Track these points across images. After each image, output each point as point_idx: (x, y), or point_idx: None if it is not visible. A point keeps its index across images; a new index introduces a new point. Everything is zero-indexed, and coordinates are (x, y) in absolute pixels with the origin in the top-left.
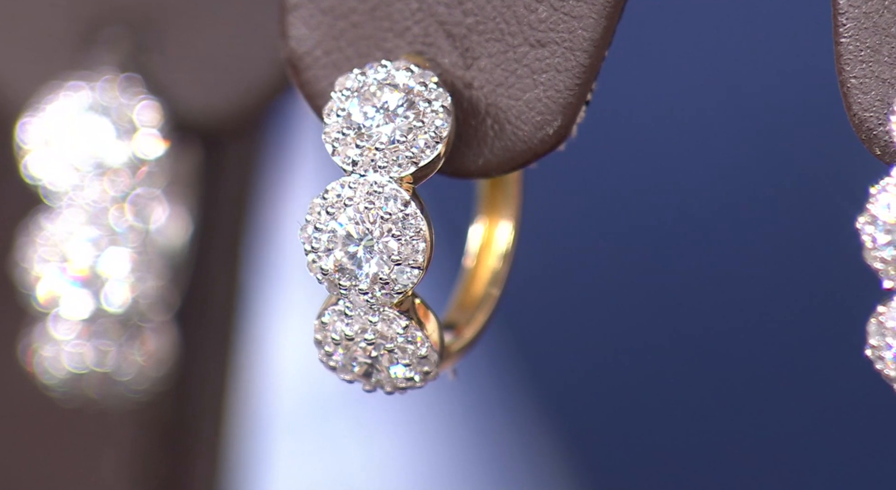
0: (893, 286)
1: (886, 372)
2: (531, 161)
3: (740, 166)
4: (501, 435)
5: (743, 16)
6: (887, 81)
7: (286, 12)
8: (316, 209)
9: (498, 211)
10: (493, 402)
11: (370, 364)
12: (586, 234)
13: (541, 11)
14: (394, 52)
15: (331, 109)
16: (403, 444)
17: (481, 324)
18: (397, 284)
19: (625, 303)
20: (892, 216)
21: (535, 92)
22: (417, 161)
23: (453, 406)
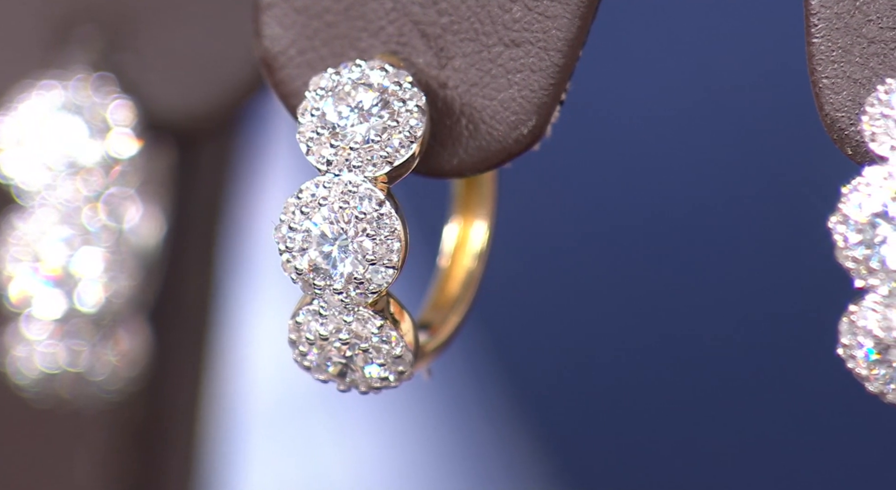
0: (865, 285)
1: (858, 371)
2: (506, 161)
3: (713, 166)
4: (477, 434)
5: (716, 16)
6: (859, 82)
7: (260, 11)
8: (290, 209)
9: (472, 211)
10: (469, 400)
11: (345, 364)
12: (561, 233)
13: (515, 11)
14: (368, 52)
15: (305, 109)
16: (379, 443)
17: (456, 323)
18: (372, 284)
19: (599, 302)
20: (864, 215)
21: (510, 92)
22: (392, 161)
23: (429, 405)
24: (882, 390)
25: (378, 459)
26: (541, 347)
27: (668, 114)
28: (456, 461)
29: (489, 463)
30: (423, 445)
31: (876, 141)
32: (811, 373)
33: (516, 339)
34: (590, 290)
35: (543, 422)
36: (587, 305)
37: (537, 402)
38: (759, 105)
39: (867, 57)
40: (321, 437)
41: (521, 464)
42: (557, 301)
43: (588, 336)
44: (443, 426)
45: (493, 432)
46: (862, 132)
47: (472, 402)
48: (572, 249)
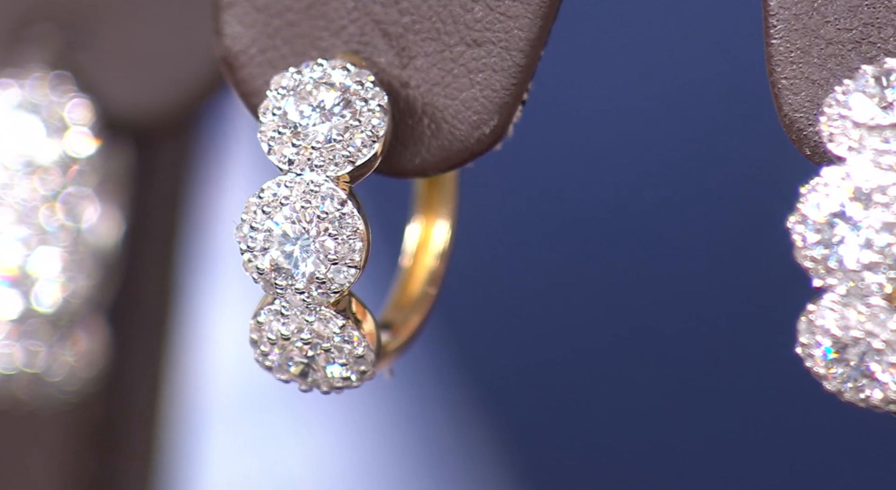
0: (823, 285)
1: (816, 369)
2: (468, 160)
3: (673, 166)
4: (438, 430)
5: (676, 18)
6: (817, 82)
7: (220, 10)
8: (251, 208)
9: (435, 210)
10: (430, 397)
11: (306, 364)
12: (523, 232)
13: (477, 11)
14: (330, 51)
15: (266, 108)
16: (340, 440)
17: (418, 323)
18: (334, 284)
19: (561, 300)
20: (822, 215)
21: (472, 91)
22: (354, 160)
23: (390, 402)
24: (839, 389)
25: (339, 456)
26: (502, 345)
27: (628, 114)
28: (416, 457)
29: (450, 459)
30: (384, 442)
31: (834, 141)
32: (770, 371)
33: (477, 337)
34: (552, 289)
35: (504, 417)
36: (549, 304)
37: (497, 398)
38: (718, 106)
39: (825, 58)
40: (281, 435)
41: (482, 460)
42: (519, 300)
43: (549, 334)
44: (403, 422)
45: (453, 428)
46: (820, 133)
47: (433, 398)
48: (534, 248)
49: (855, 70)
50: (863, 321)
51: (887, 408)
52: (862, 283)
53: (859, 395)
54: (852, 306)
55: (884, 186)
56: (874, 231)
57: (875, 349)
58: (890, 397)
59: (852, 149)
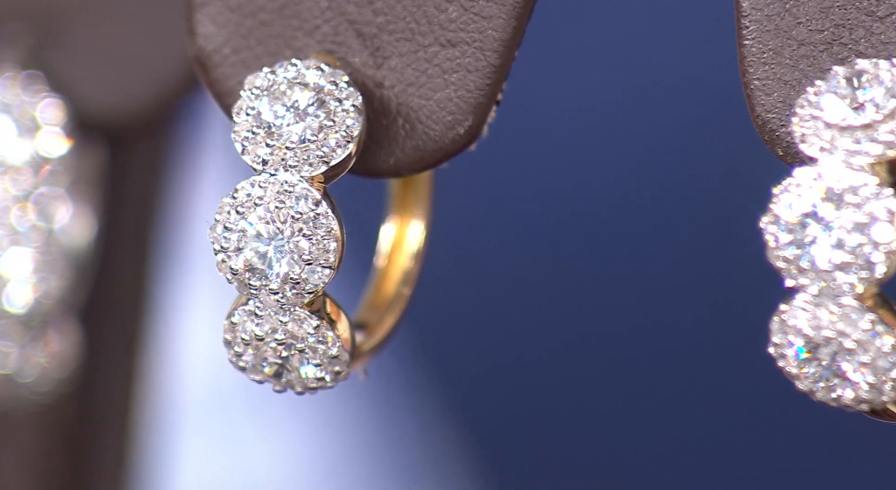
0: (795, 285)
1: (788, 369)
2: (442, 161)
3: (648, 167)
4: (405, 430)
5: (650, 18)
6: (789, 83)
7: (194, 9)
8: (225, 208)
9: (409, 210)
10: (398, 397)
11: (280, 364)
12: (497, 233)
13: (451, 11)
14: (303, 51)
15: (240, 108)
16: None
17: (392, 323)
18: (308, 284)
19: (534, 302)
20: (794, 216)
21: (446, 92)
22: (328, 160)
23: (357, 402)
24: (811, 388)
25: (308, 456)
26: (470, 345)
27: (602, 114)
28: (383, 457)
29: (416, 459)
30: (352, 442)
31: (806, 142)
32: (743, 371)
33: (445, 337)
34: (524, 290)
35: (470, 418)
36: (521, 304)
37: (464, 398)
38: (691, 106)
39: (797, 59)
40: (251, 436)
41: (448, 460)
42: (490, 300)
43: (520, 334)
44: (371, 422)
45: (419, 428)
46: (792, 133)
47: (400, 397)
48: (508, 249)
49: (826, 71)
50: (834, 321)
51: (858, 407)
52: (834, 284)
53: (831, 395)
54: (824, 306)
55: (855, 187)
56: (846, 231)
57: (846, 349)
58: (861, 397)
59: (824, 149)
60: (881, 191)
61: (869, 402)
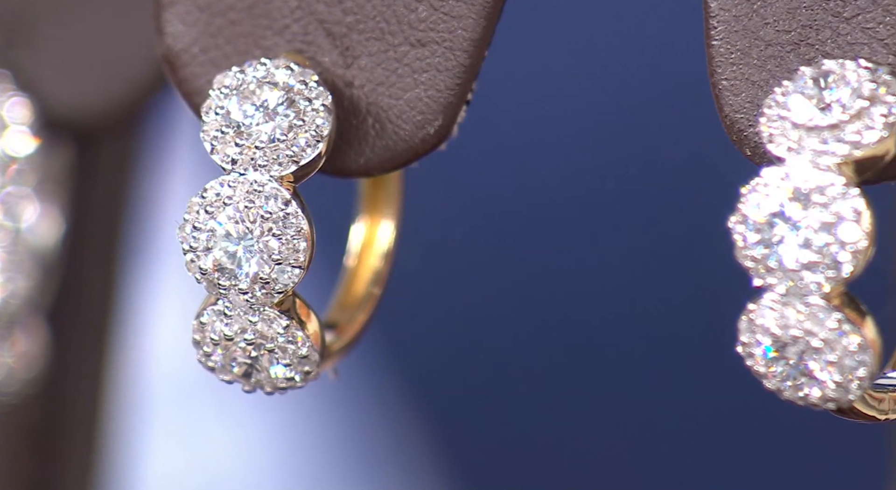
0: (763, 284)
1: (756, 368)
2: (412, 160)
3: (617, 167)
4: (368, 424)
5: (619, 19)
6: (757, 84)
7: (162, 8)
8: (194, 208)
9: (379, 210)
10: (364, 392)
11: (250, 364)
12: (467, 233)
13: (420, 11)
14: (273, 50)
15: (209, 107)
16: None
17: (362, 323)
18: (278, 284)
19: (504, 301)
20: (762, 215)
21: (416, 91)
22: (298, 160)
23: (323, 397)
24: (779, 387)
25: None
26: (435, 342)
27: (573, 114)
28: (348, 452)
29: (379, 452)
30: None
31: (773, 142)
32: (711, 370)
33: (412, 333)
34: (495, 290)
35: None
36: (491, 304)
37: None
38: (660, 106)
39: (764, 59)
40: (219, 434)
41: (412, 453)
42: (461, 300)
43: (490, 333)
44: (336, 418)
45: (383, 422)
46: (760, 133)
47: (364, 392)
48: (478, 249)
49: (794, 71)
50: (802, 320)
51: (825, 406)
52: (801, 283)
53: (798, 394)
54: (792, 305)
55: (822, 187)
56: (813, 231)
57: (814, 347)
58: (828, 395)
59: (791, 149)
60: (848, 191)
61: (835, 401)
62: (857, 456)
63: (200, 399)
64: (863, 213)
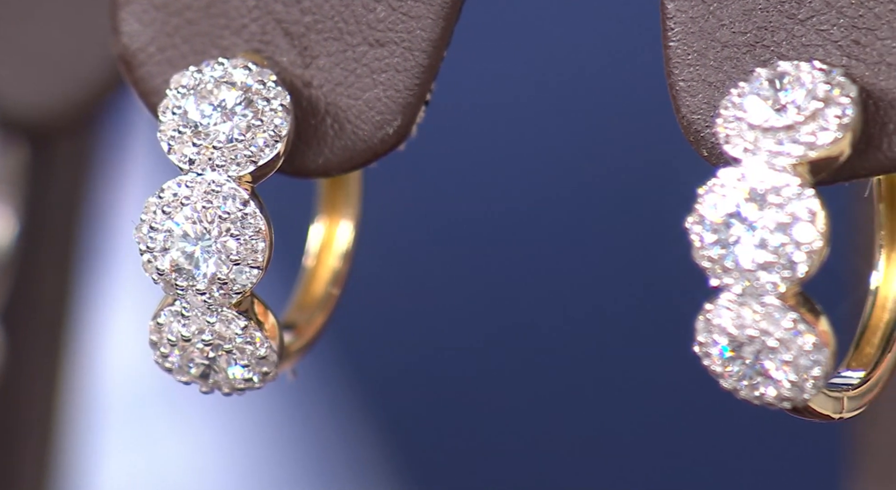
0: (720, 284)
1: (713, 368)
2: (371, 160)
3: (576, 167)
4: (321, 429)
5: (578, 20)
6: (713, 85)
7: (118, 7)
8: (151, 208)
9: (338, 210)
10: (317, 396)
11: (207, 365)
12: (426, 233)
13: (379, 11)
14: (231, 50)
15: (166, 107)
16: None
17: (321, 323)
18: (236, 284)
19: (462, 303)
20: (719, 216)
21: (375, 91)
22: (256, 160)
23: (277, 401)
24: (735, 387)
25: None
26: (390, 344)
27: (531, 115)
28: (300, 456)
29: (332, 457)
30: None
31: (730, 143)
32: (668, 370)
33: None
34: (453, 290)
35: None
36: (450, 305)
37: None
38: (617, 108)
39: (721, 61)
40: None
41: (364, 458)
42: (420, 301)
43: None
44: (289, 422)
45: (336, 426)
46: (717, 134)
47: (319, 394)
48: (436, 249)
49: (750, 73)
50: (758, 320)
51: (780, 405)
52: (757, 283)
53: (754, 393)
54: (748, 305)
55: (777, 187)
56: (769, 231)
57: (769, 347)
58: (783, 394)
59: (747, 150)
60: (803, 191)
61: (791, 400)
62: (812, 454)
63: (156, 401)
64: (817, 213)
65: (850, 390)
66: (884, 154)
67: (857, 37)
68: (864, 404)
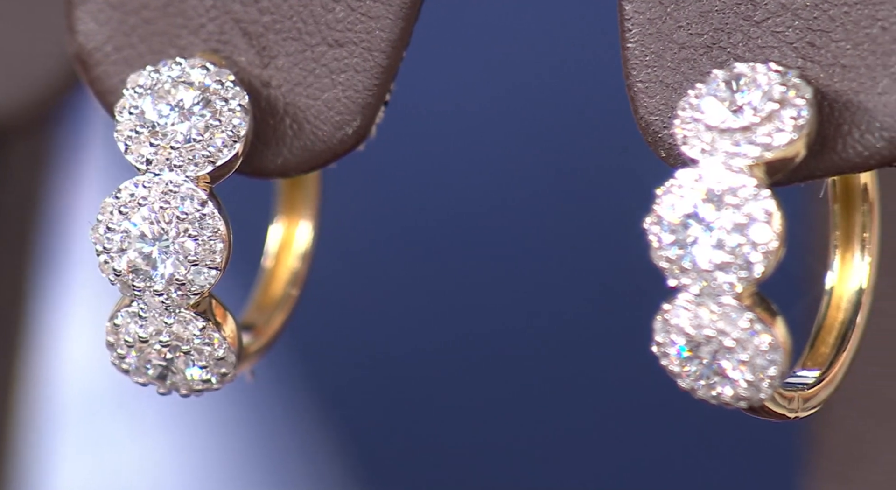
0: (678, 284)
1: (671, 368)
2: (331, 161)
3: (534, 168)
4: (278, 434)
5: (538, 21)
6: (671, 86)
7: (73, 6)
8: (108, 209)
9: (297, 211)
10: (274, 399)
11: (165, 367)
12: (385, 233)
13: (338, 11)
14: (188, 50)
15: (123, 107)
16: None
17: (280, 324)
18: (194, 285)
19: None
20: (676, 217)
21: (334, 92)
22: (214, 160)
23: (234, 404)
24: (692, 386)
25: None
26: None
27: (491, 115)
28: (256, 461)
29: (289, 462)
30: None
31: (687, 144)
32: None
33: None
34: (412, 291)
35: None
36: (409, 305)
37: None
38: (577, 108)
39: (678, 62)
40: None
41: (322, 463)
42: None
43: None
44: (245, 425)
45: (293, 432)
46: (674, 135)
47: (276, 399)
48: (396, 249)
49: (707, 74)
50: (715, 320)
51: (737, 404)
52: (714, 283)
53: (711, 393)
54: (705, 306)
55: (734, 188)
56: (725, 232)
57: (726, 347)
58: (739, 394)
59: (705, 151)
60: (759, 192)
61: (747, 400)
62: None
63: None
64: (774, 214)
65: (806, 390)
66: (838, 155)
67: (811, 39)
68: (819, 404)
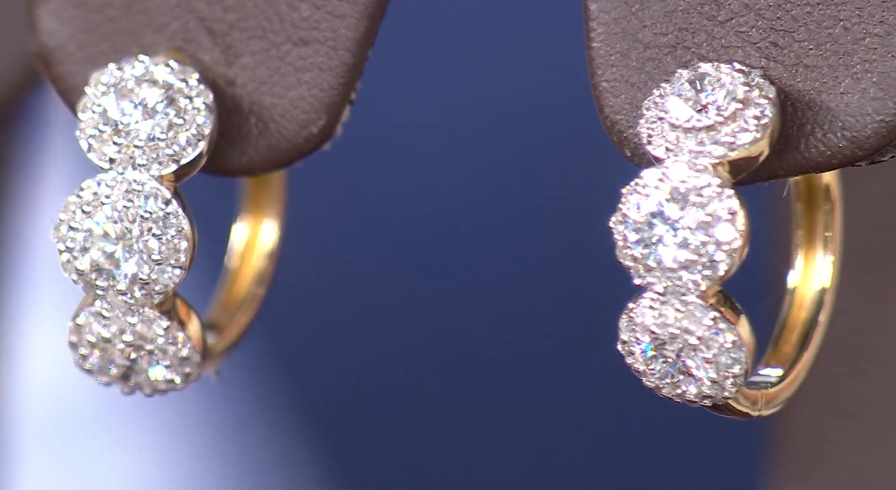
0: (643, 283)
1: (636, 366)
2: (296, 160)
3: (500, 167)
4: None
5: (503, 20)
6: (636, 85)
7: (35, 5)
8: (71, 207)
9: (262, 210)
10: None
11: (128, 366)
12: (351, 233)
13: (303, 10)
14: (152, 48)
15: (85, 105)
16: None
17: (245, 324)
18: (158, 284)
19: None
20: (641, 215)
21: (299, 90)
22: (179, 159)
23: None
24: (658, 384)
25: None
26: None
27: (457, 113)
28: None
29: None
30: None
31: (652, 143)
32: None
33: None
34: (379, 291)
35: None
36: (376, 306)
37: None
38: (542, 107)
39: (643, 62)
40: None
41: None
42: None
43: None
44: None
45: (261, 428)
46: (639, 134)
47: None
48: (362, 249)
49: (671, 74)
50: (680, 318)
51: (701, 402)
52: (679, 282)
53: (676, 391)
54: (670, 304)
55: (699, 187)
56: (690, 231)
57: (691, 345)
58: (704, 392)
59: (669, 150)
60: (723, 191)
61: (711, 398)
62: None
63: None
64: (737, 212)
65: (769, 388)
66: (801, 155)
67: (775, 39)
68: (782, 402)
